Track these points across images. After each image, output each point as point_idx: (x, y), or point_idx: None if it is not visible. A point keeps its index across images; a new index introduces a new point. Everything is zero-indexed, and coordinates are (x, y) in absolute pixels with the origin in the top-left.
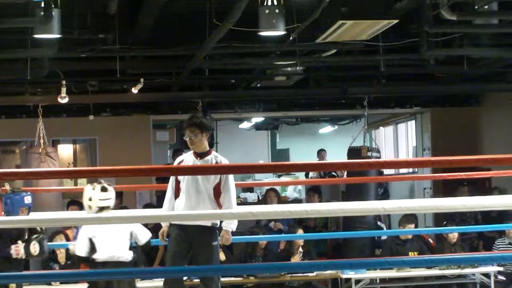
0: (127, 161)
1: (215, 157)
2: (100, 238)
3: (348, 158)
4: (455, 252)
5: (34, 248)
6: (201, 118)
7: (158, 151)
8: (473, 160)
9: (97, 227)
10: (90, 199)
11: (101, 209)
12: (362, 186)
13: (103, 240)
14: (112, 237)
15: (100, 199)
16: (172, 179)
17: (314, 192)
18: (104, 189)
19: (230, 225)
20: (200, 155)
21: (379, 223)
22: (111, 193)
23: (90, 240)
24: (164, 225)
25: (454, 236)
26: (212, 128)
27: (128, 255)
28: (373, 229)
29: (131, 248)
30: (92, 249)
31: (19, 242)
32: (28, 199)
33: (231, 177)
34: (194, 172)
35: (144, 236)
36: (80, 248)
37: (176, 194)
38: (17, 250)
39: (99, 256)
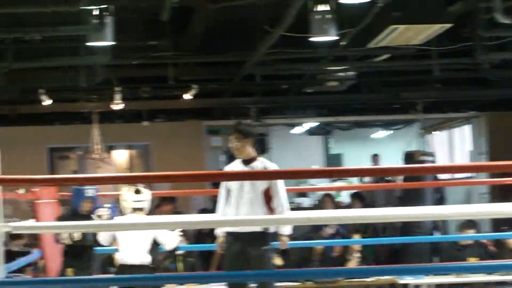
0: (180, 166)
1: (262, 163)
2: (122, 237)
3: (405, 163)
4: None
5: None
6: (244, 124)
7: (211, 157)
8: None
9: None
10: (125, 201)
11: (134, 210)
12: (419, 192)
13: (125, 240)
14: (133, 240)
15: (133, 201)
16: (222, 187)
17: (356, 199)
18: (137, 192)
19: (286, 229)
20: (246, 162)
21: (434, 232)
22: (146, 195)
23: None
24: (220, 235)
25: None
26: (256, 134)
27: (145, 259)
28: (429, 235)
29: (153, 252)
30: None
31: None
32: (90, 192)
33: (280, 181)
34: (247, 177)
35: (170, 242)
36: (104, 238)
37: (227, 202)
38: None
39: (120, 257)
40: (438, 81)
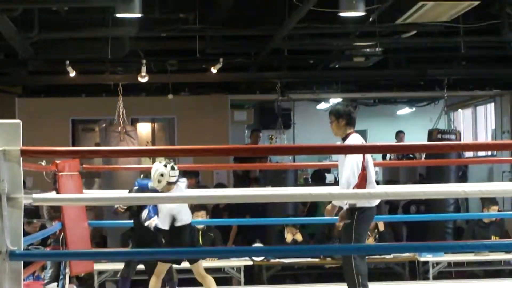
0: (204, 140)
1: (352, 139)
2: (178, 210)
3: (429, 141)
4: None
5: None
6: (337, 105)
7: (235, 131)
8: None
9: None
10: (162, 175)
11: (169, 184)
12: (443, 169)
13: (181, 211)
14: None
15: (170, 175)
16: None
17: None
18: (173, 168)
19: (339, 203)
20: (343, 139)
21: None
22: (178, 171)
23: (173, 216)
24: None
25: None
26: (347, 113)
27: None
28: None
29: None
30: (174, 221)
31: None
32: (151, 185)
33: (348, 157)
34: (272, 152)
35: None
36: (163, 223)
37: None
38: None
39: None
40: (464, 58)
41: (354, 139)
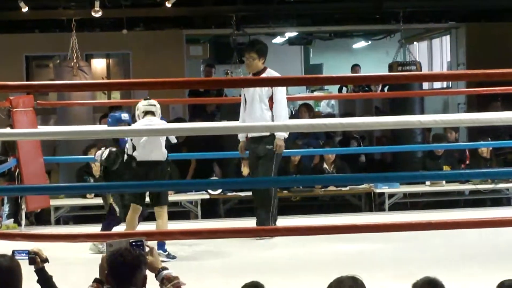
0: (160, 75)
1: (268, 74)
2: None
3: None
4: (490, 167)
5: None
6: (256, 42)
7: (191, 66)
8: (510, 73)
9: None
10: (137, 109)
11: (146, 113)
12: (401, 103)
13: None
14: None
15: (143, 105)
16: (242, 97)
17: (306, 108)
18: (146, 99)
19: (282, 133)
20: (255, 74)
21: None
22: (154, 102)
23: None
24: (241, 140)
25: (484, 151)
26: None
27: (162, 156)
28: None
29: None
30: (133, 149)
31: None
32: (125, 116)
33: (279, 89)
34: (227, 84)
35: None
36: (129, 148)
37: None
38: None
39: (136, 155)
40: None
41: (272, 72)
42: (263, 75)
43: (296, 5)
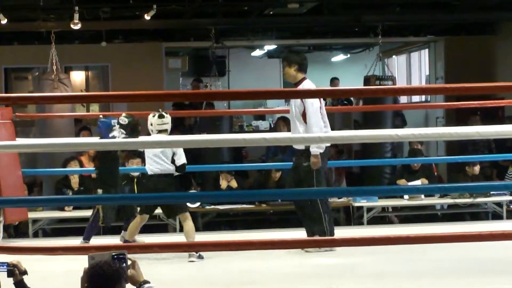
0: (139, 88)
1: (303, 86)
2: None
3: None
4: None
5: None
6: (289, 52)
7: (170, 79)
8: (489, 87)
9: None
10: (151, 125)
11: (159, 132)
12: (380, 116)
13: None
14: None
15: (157, 124)
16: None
17: (283, 122)
18: (161, 116)
19: (315, 149)
20: (295, 85)
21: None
22: (167, 119)
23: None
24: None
25: (476, 170)
26: (300, 60)
27: (168, 169)
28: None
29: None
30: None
31: None
32: (114, 122)
33: (309, 103)
34: (205, 98)
35: (181, 159)
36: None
37: None
38: None
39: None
40: (398, 4)
41: (308, 85)
42: (299, 87)
43: (275, 18)
